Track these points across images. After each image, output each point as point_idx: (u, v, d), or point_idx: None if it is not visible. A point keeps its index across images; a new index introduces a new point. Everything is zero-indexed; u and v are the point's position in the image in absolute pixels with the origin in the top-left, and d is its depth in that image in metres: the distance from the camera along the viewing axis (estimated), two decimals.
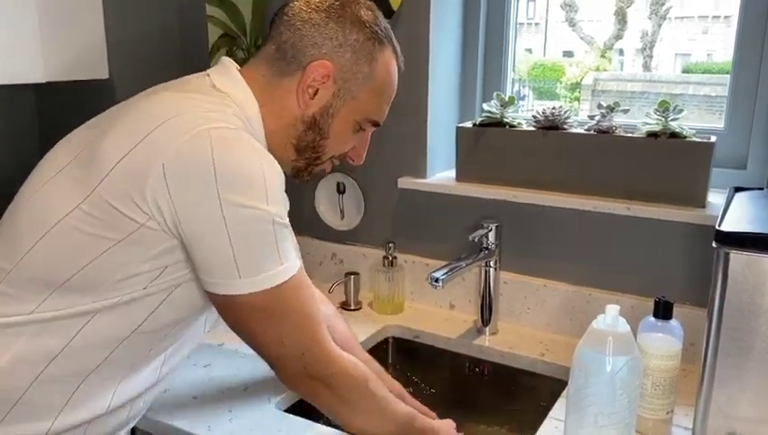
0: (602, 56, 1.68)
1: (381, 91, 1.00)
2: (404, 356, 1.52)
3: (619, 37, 1.63)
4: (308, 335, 0.91)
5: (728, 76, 1.39)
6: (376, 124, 1.03)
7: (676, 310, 1.08)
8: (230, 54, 1.63)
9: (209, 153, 0.80)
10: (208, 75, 0.95)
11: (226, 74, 0.96)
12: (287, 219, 0.88)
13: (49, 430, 0.88)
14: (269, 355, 0.92)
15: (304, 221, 1.76)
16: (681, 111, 1.31)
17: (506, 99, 1.47)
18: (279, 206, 0.85)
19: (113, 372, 0.91)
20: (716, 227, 0.93)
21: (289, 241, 0.88)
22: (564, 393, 1.16)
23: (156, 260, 0.85)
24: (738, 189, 1.14)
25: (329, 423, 1.08)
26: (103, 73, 1.46)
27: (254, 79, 0.96)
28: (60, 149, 0.93)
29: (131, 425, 1.01)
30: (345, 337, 1.17)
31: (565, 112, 1.41)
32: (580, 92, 1.76)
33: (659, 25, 1.59)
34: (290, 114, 0.96)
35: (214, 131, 0.82)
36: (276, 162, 0.87)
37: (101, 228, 0.83)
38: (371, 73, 0.97)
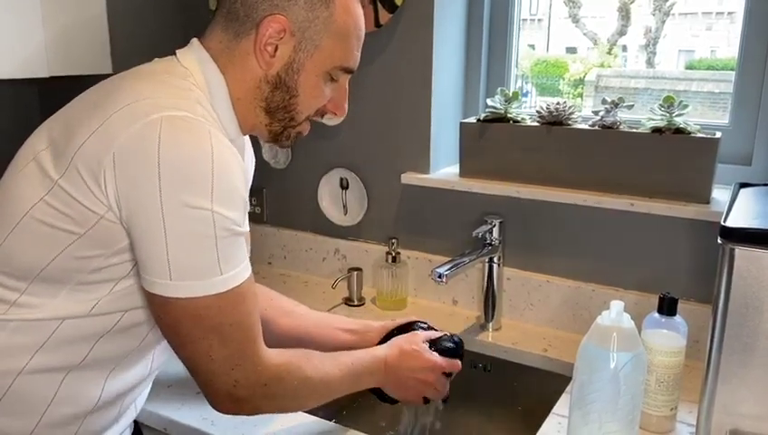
0: (608, 53, 1.67)
1: (346, 35, 0.92)
2: None
3: (622, 33, 1.62)
4: (240, 350, 0.85)
5: (732, 72, 1.38)
6: (349, 71, 0.95)
7: (680, 306, 1.08)
8: None
9: (156, 144, 0.76)
10: (175, 55, 0.92)
11: (189, 49, 0.92)
12: (240, 222, 0.82)
13: (38, 423, 0.87)
14: (197, 371, 0.86)
15: (307, 217, 1.76)
16: (686, 106, 1.30)
17: (510, 94, 1.47)
18: (228, 207, 0.79)
19: (101, 365, 0.90)
20: (721, 223, 0.92)
21: (236, 247, 0.82)
22: (568, 389, 1.16)
23: (122, 254, 0.82)
24: (743, 185, 1.14)
25: (335, 419, 1.08)
26: (107, 68, 1.47)
27: (212, 47, 0.91)
28: (35, 136, 0.89)
29: (124, 421, 1.00)
30: (281, 305, 1.18)
31: (569, 108, 1.41)
32: (583, 89, 1.76)
33: (663, 22, 1.58)
34: (253, 77, 0.90)
35: (166, 120, 0.77)
36: (236, 160, 0.82)
37: (65, 222, 0.80)
38: (331, 17, 0.89)
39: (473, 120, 1.51)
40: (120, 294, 0.85)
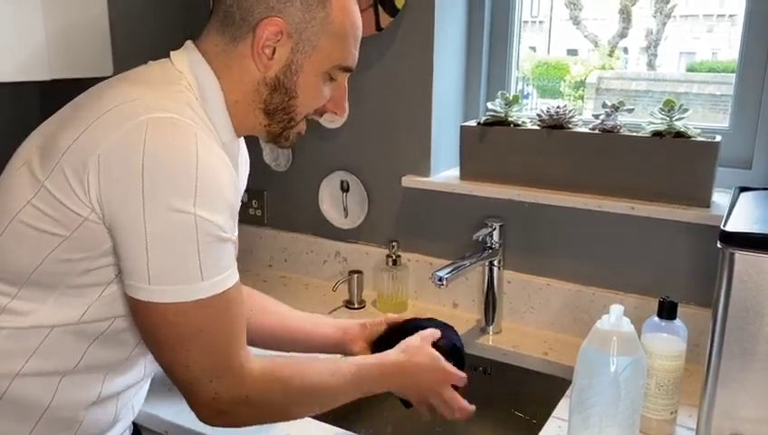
0: (609, 55, 1.67)
1: (343, 34, 0.91)
2: None
3: (623, 35, 1.62)
4: (219, 362, 0.83)
5: (733, 75, 1.38)
6: (348, 70, 0.95)
7: (680, 310, 1.08)
8: None
9: (141, 146, 0.75)
10: (169, 57, 0.91)
11: (183, 51, 0.91)
12: (226, 227, 0.80)
13: (36, 425, 0.87)
14: (178, 380, 0.84)
15: (308, 219, 1.76)
16: (686, 110, 1.30)
17: (510, 97, 1.47)
18: (211, 211, 0.77)
19: (95, 370, 0.89)
20: (721, 227, 0.92)
21: (221, 253, 0.80)
22: (568, 393, 1.16)
23: (108, 257, 0.81)
24: (743, 189, 1.14)
25: (335, 422, 1.08)
26: (107, 70, 1.47)
27: (208, 51, 0.90)
28: (30, 139, 0.89)
29: (121, 424, 1.00)
30: (264, 310, 1.15)
31: (570, 111, 1.40)
32: (584, 91, 1.76)
33: (664, 24, 1.58)
34: (251, 79, 0.90)
35: (152, 122, 0.77)
36: (223, 164, 0.81)
37: (50, 224, 0.80)
38: (327, 17, 0.88)
39: (473, 123, 1.51)
40: (108, 299, 0.85)
